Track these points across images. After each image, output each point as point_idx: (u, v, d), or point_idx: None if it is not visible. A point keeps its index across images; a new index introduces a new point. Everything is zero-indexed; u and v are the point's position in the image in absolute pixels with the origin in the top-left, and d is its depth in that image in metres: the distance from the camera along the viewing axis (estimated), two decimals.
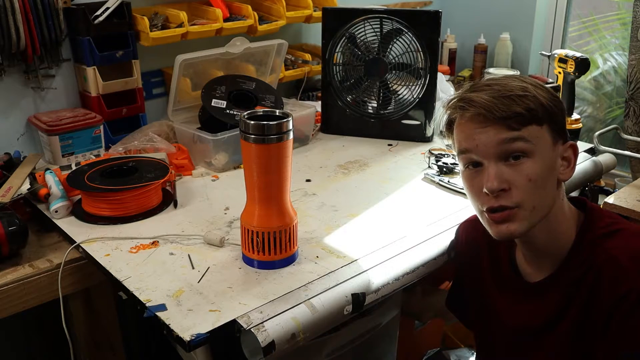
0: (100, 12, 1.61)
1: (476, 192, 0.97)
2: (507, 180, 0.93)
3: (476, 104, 0.93)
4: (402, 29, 1.73)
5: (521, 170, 0.93)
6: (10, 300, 1.16)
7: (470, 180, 0.98)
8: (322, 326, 1.03)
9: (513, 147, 0.92)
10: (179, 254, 1.18)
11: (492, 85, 0.95)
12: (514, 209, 0.93)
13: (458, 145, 1.00)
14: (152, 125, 1.70)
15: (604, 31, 2.74)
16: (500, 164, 0.94)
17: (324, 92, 1.87)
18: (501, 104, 0.92)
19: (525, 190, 0.93)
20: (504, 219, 0.94)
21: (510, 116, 0.92)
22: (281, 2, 1.92)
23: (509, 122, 0.92)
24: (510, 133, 0.92)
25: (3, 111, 1.62)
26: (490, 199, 0.94)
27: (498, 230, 0.96)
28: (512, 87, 0.94)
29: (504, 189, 0.93)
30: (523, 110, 0.92)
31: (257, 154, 1.06)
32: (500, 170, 0.93)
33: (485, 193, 0.94)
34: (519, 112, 0.92)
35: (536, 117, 0.92)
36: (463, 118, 0.97)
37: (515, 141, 0.92)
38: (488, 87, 0.95)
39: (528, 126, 0.92)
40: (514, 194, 0.93)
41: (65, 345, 1.25)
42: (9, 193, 1.32)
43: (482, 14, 2.59)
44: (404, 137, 1.81)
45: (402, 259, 1.17)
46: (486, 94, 0.93)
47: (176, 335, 0.94)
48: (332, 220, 1.32)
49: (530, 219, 0.94)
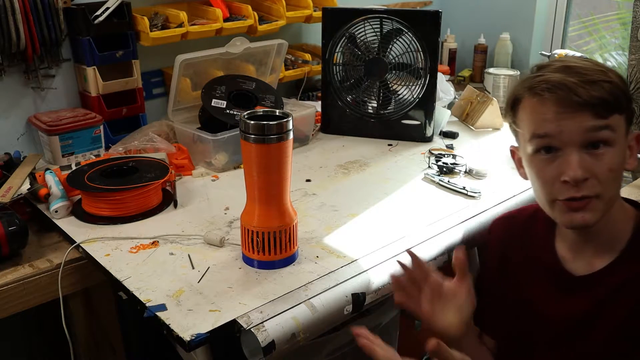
0: (100, 12, 1.61)
1: (550, 179, 0.92)
2: (589, 169, 0.89)
3: (561, 87, 0.89)
4: (402, 29, 1.73)
5: (602, 160, 0.89)
6: (10, 300, 1.16)
7: (543, 166, 0.93)
8: (322, 326, 1.03)
9: (599, 136, 0.89)
10: (179, 254, 1.18)
11: (573, 68, 0.90)
12: (593, 198, 0.90)
13: (534, 128, 0.93)
14: (152, 125, 1.70)
15: (603, 31, 2.74)
16: (582, 152, 0.90)
17: (324, 92, 1.87)
18: (589, 87, 0.88)
19: (605, 180, 0.90)
20: (581, 207, 0.91)
21: (598, 102, 0.88)
22: (281, 2, 1.92)
23: (597, 109, 0.88)
24: (598, 121, 0.88)
25: (3, 111, 1.62)
26: (570, 189, 0.90)
27: (572, 219, 0.92)
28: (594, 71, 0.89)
29: (586, 177, 0.90)
30: (610, 97, 0.88)
31: (257, 154, 1.06)
32: (583, 159, 0.89)
33: (564, 181, 0.90)
34: (606, 99, 0.88)
35: (619, 104, 0.89)
36: (542, 100, 0.91)
37: (602, 130, 0.88)
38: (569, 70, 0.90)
39: (613, 114, 0.89)
40: (594, 183, 0.90)
41: (65, 345, 1.25)
42: (9, 193, 1.32)
43: (482, 14, 2.59)
44: (404, 137, 1.82)
45: (402, 259, 1.17)
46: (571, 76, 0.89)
47: (176, 335, 0.94)
48: (332, 220, 1.32)
49: (604, 210, 0.92)
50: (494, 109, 1.90)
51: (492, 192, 1.44)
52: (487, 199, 1.41)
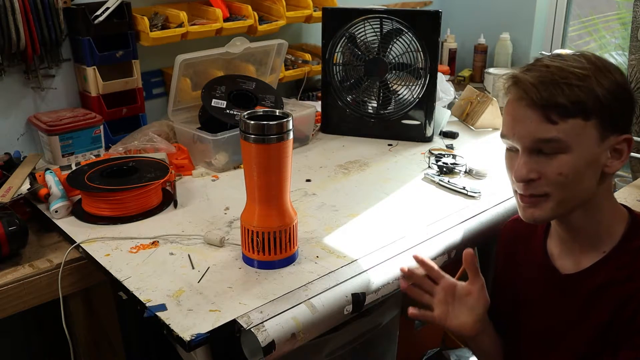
0: (100, 12, 1.61)
1: (511, 174, 0.96)
2: (536, 170, 0.91)
3: (520, 85, 0.89)
4: (402, 29, 1.73)
5: (552, 164, 0.89)
6: (10, 300, 1.16)
7: (508, 161, 0.97)
8: (322, 326, 1.03)
9: (546, 146, 0.89)
10: (179, 254, 1.18)
11: (549, 66, 0.89)
12: (541, 197, 0.92)
13: (501, 128, 0.97)
14: (152, 125, 1.70)
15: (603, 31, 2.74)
16: (533, 154, 0.91)
17: (324, 92, 1.87)
18: (545, 90, 0.86)
19: (554, 183, 0.90)
20: (531, 204, 0.94)
21: (551, 106, 0.86)
22: (281, 2, 1.92)
23: (548, 113, 0.87)
24: (546, 130, 0.87)
25: (3, 111, 1.63)
26: (520, 186, 0.94)
27: (524, 213, 0.96)
28: (568, 72, 0.87)
29: (532, 179, 0.91)
30: (567, 102, 0.86)
31: (257, 154, 1.06)
32: (531, 161, 0.91)
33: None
34: (561, 104, 0.86)
35: (583, 110, 0.86)
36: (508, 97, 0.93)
37: (549, 142, 0.88)
38: (543, 68, 0.89)
39: (569, 119, 0.86)
40: (543, 184, 0.91)
41: (65, 345, 1.25)
42: (9, 193, 1.32)
43: (482, 14, 2.59)
44: (404, 137, 1.82)
45: (402, 259, 1.17)
46: (534, 76, 0.88)
47: (176, 335, 0.94)
48: (332, 220, 1.32)
49: (556, 209, 0.93)
50: (494, 109, 1.90)
51: (492, 192, 1.44)
52: (487, 199, 1.41)
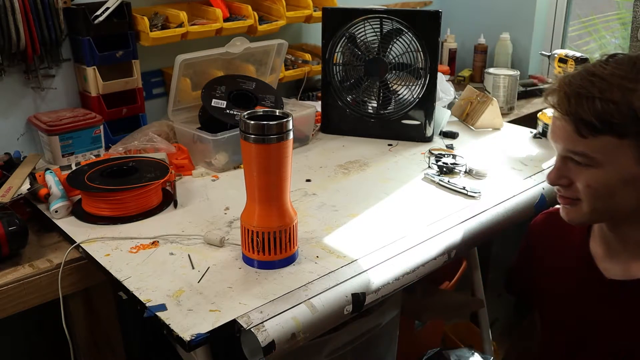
0: (100, 12, 1.61)
1: None
2: (567, 177, 0.91)
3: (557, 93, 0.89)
4: (402, 29, 1.73)
5: (582, 175, 0.89)
6: (10, 300, 1.16)
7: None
8: (322, 326, 1.03)
9: (575, 158, 0.88)
10: (179, 254, 1.18)
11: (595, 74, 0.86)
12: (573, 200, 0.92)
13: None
14: (152, 125, 1.70)
15: (603, 31, 2.74)
16: (566, 161, 0.91)
17: (324, 92, 1.87)
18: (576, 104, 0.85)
19: (583, 193, 0.90)
20: (565, 204, 0.95)
21: (579, 120, 0.85)
22: (281, 2, 1.92)
23: (578, 125, 0.85)
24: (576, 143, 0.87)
25: (3, 111, 1.62)
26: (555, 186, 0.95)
27: (561, 212, 0.97)
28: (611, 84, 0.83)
29: (561, 184, 0.92)
30: (594, 119, 0.84)
31: (257, 154, 1.06)
32: (564, 167, 0.91)
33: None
34: (587, 120, 0.84)
35: (613, 128, 0.83)
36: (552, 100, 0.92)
37: (577, 155, 0.88)
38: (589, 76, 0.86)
39: (600, 136, 0.84)
40: (574, 190, 0.91)
41: (65, 345, 1.25)
42: (9, 193, 1.32)
43: (482, 14, 2.59)
44: (404, 137, 1.82)
45: (402, 259, 1.17)
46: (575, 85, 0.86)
47: (176, 335, 0.94)
48: (332, 220, 1.32)
49: (590, 216, 0.93)
50: (494, 109, 1.90)
51: (492, 192, 1.44)
52: (487, 199, 1.41)
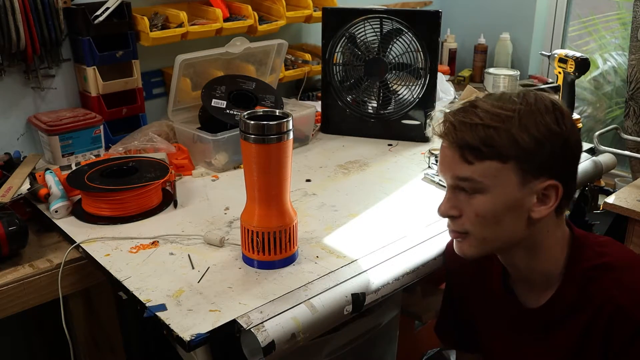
0: (100, 12, 1.61)
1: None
2: (457, 207, 0.92)
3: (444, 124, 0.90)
4: (402, 29, 1.73)
5: (471, 204, 0.90)
6: (10, 300, 1.16)
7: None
8: (322, 326, 1.03)
9: (462, 184, 0.90)
10: (179, 254, 1.18)
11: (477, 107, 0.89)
12: (463, 233, 0.93)
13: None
14: (152, 125, 1.70)
15: (603, 31, 2.74)
16: (455, 191, 0.92)
17: (324, 92, 1.87)
18: (461, 131, 0.87)
19: (472, 222, 0.91)
20: (457, 238, 0.95)
21: (465, 146, 0.87)
22: (281, 2, 1.92)
23: (464, 152, 0.87)
24: (462, 169, 0.88)
25: (3, 111, 1.62)
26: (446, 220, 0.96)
27: (455, 248, 0.98)
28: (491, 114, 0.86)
29: (452, 215, 0.93)
30: (479, 144, 0.86)
31: (257, 154, 1.06)
32: (454, 198, 0.93)
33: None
34: (473, 145, 0.86)
35: (498, 153, 0.86)
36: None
37: (464, 181, 0.89)
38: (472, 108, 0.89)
39: (485, 161, 0.87)
40: (463, 222, 0.92)
41: (65, 345, 1.25)
42: (9, 193, 1.32)
43: (482, 14, 2.59)
44: (404, 137, 1.82)
45: (402, 259, 1.17)
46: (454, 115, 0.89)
47: (176, 335, 0.94)
48: (332, 220, 1.32)
49: (480, 247, 0.94)
50: None
51: None
52: None
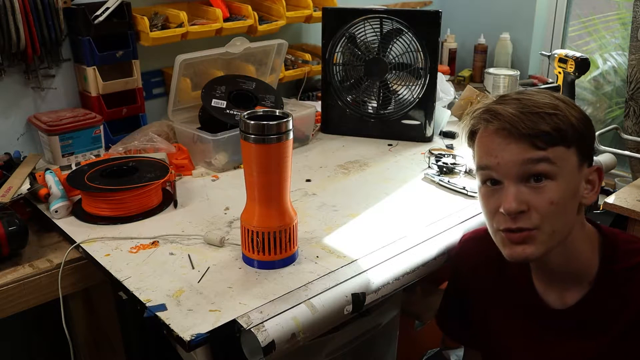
0: (100, 12, 1.61)
1: (492, 210, 0.94)
2: (526, 201, 0.89)
3: (501, 117, 0.89)
4: (402, 29, 1.73)
5: (543, 193, 0.88)
6: (10, 300, 1.16)
7: (487, 198, 0.94)
8: (322, 326, 1.03)
9: (536, 168, 0.88)
10: (179, 254, 1.18)
11: (521, 99, 0.90)
12: (532, 230, 0.90)
13: (478, 160, 0.95)
14: (152, 125, 1.70)
15: (603, 31, 2.73)
16: (520, 185, 0.89)
17: (324, 92, 1.87)
18: (528, 119, 0.87)
19: (545, 213, 0.89)
20: (521, 240, 0.91)
21: (537, 134, 0.87)
22: (281, 2, 1.92)
23: (535, 141, 0.87)
24: (535, 153, 0.88)
25: (3, 111, 1.63)
26: (508, 220, 0.91)
27: (512, 252, 0.92)
28: (542, 104, 0.89)
29: (522, 210, 0.89)
30: (551, 130, 0.87)
31: (257, 154, 1.06)
32: (520, 192, 0.89)
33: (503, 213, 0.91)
34: (546, 131, 0.87)
35: (564, 138, 0.88)
36: (486, 131, 0.93)
37: (540, 162, 0.88)
38: (517, 101, 0.90)
39: (555, 147, 0.88)
40: (533, 216, 0.89)
41: (65, 345, 1.25)
42: (9, 193, 1.32)
43: (482, 14, 2.59)
44: (404, 137, 1.82)
45: (402, 259, 1.17)
46: (513, 108, 0.89)
47: (176, 335, 0.94)
48: (332, 220, 1.32)
49: (548, 243, 0.91)
50: None
51: None
52: None
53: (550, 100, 0.90)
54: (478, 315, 1.14)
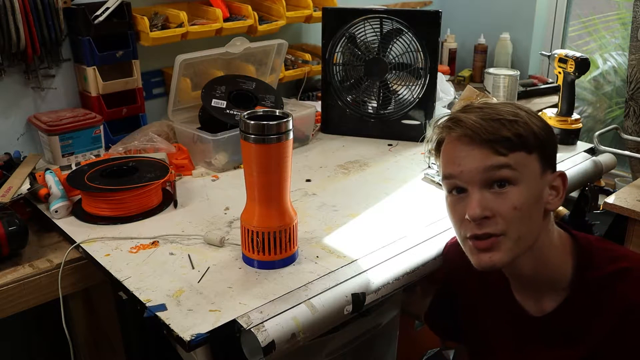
0: (100, 12, 1.61)
1: (459, 218, 0.95)
2: (490, 208, 0.90)
3: (463, 124, 0.91)
4: (402, 29, 1.73)
5: (506, 199, 0.90)
6: (10, 300, 1.16)
7: (453, 206, 0.96)
8: (322, 326, 1.03)
9: (498, 174, 0.90)
10: (179, 254, 1.18)
11: (483, 108, 0.93)
12: (499, 236, 0.91)
13: (443, 170, 0.97)
14: (152, 125, 1.70)
15: (603, 31, 2.74)
16: (484, 191, 0.91)
17: (324, 92, 1.87)
18: (489, 126, 0.90)
19: (510, 219, 0.90)
20: (487, 247, 0.92)
21: (498, 140, 0.89)
22: (281, 2, 1.92)
23: (496, 146, 0.89)
24: (497, 159, 0.89)
25: (3, 111, 1.63)
26: (474, 227, 0.92)
27: (479, 260, 0.93)
28: (503, 112, 0.91)
29: (487, 216, 0.90)
30: (511, 135, 0.89)
31: (257, 154, 1.06)
32: (484, 198, 0.91)
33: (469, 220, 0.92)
34: (506, 137, 0.89)
35: (525, 144, 0.90)
36: (449, 138, 0.95)
37: (501, 168, 0.89)
38: (479, 110, 0.93)
39: (516, 152, 0.90)
40: (498, 221, 0.90)
41: (65, 345, 1.25)
42: (9, 193, 1.32)
43: (482, 14, 2.59)
44: (404, 137, 1.82)
45: (402, 259, 1.17)
46: (475, 115, 0.91)
47: (176, 335, 0.94)
48: (332, 220, 1.32)
49: (514, 250, 0.91)
50: None
51: None
52: None
53: (512, 109, 0.93)
54: (466, 316, 1.16)
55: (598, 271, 0.94)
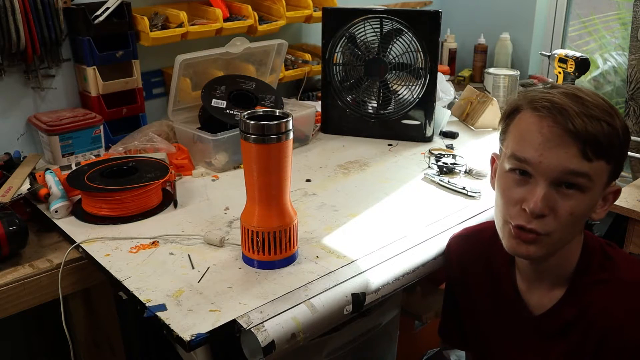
0: (100, 12, 1.61)
1: (512, 201, 0.90)
2: (551, 206, 0.87)
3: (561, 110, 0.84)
4: (402, 29, 1.73)
5: (567, 202, 0.86)
6: (10, 300, 1.16)
7: (511, 187, 0.90)
8: (322, 326, 1.03)
9: (574, 180, 0.85)
10: (179, 254, 1.18)
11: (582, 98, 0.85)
12: (541, 235, 0.88)
13: (516, 149, 0.89)
14: (152, 125, 1.70)
15: (603, 31, 2.74)
16: (551, 187, 0.87)
17: (324, 92, 1.87)
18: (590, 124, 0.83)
19: (562, 222, 0.87)
20: (528, 240, 0.89)
21: (591, 142, 0.83)
22: (281, 2, 1.92)
23: (586, 148, 0.84)
24: (580, 164, 0.84)
25: (3, 111, 1.63)
26: (525, 218, 0.88)
27: (516, 247, 0.91)
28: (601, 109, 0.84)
29: (545, 214, 0.87)
30: (603, 139, 0.84)
31: (257, 154, 1.06)
32: (550, 195, 0.86)
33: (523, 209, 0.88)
34: (599, 139, 0.84)
35: (610, 153, 0.85)
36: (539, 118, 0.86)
37: (579, 176, 0.85)
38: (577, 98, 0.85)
39: (599, 160, 0.85)
40: (550, 222, 0.87)
41: (65, 345, 1.25)
42: (9, 193, 1.32)
43: (482, 14, 2.59)
44: (404, 137, 1.82)
45: (402, 259, 1.17)
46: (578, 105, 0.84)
47: (176, 335, 0.94)
48: (332, 220, 1.32)
49: (551, 248, 0.91)
50: (494, 109, 1.90)
51: (492, 192, 1.43)
52: (487, 199, 1.41)
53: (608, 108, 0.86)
54: (467, 314, 1.15)
55: (591, 276, 0.94)
